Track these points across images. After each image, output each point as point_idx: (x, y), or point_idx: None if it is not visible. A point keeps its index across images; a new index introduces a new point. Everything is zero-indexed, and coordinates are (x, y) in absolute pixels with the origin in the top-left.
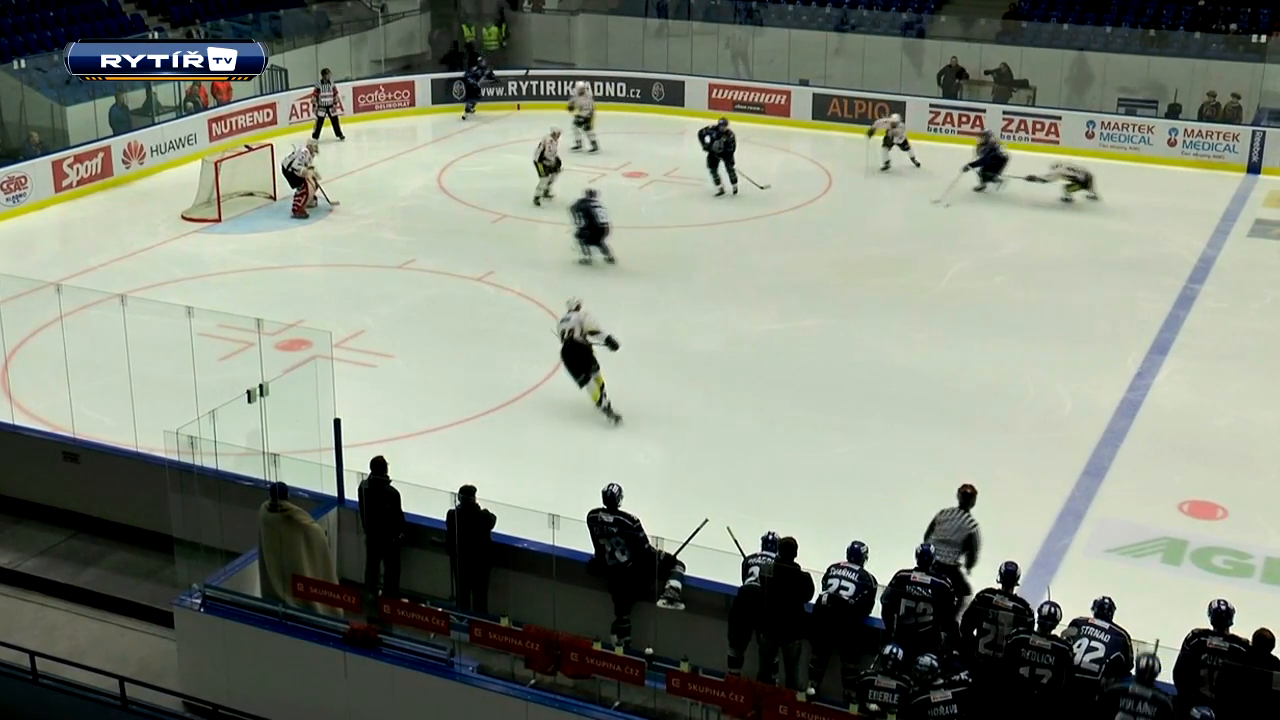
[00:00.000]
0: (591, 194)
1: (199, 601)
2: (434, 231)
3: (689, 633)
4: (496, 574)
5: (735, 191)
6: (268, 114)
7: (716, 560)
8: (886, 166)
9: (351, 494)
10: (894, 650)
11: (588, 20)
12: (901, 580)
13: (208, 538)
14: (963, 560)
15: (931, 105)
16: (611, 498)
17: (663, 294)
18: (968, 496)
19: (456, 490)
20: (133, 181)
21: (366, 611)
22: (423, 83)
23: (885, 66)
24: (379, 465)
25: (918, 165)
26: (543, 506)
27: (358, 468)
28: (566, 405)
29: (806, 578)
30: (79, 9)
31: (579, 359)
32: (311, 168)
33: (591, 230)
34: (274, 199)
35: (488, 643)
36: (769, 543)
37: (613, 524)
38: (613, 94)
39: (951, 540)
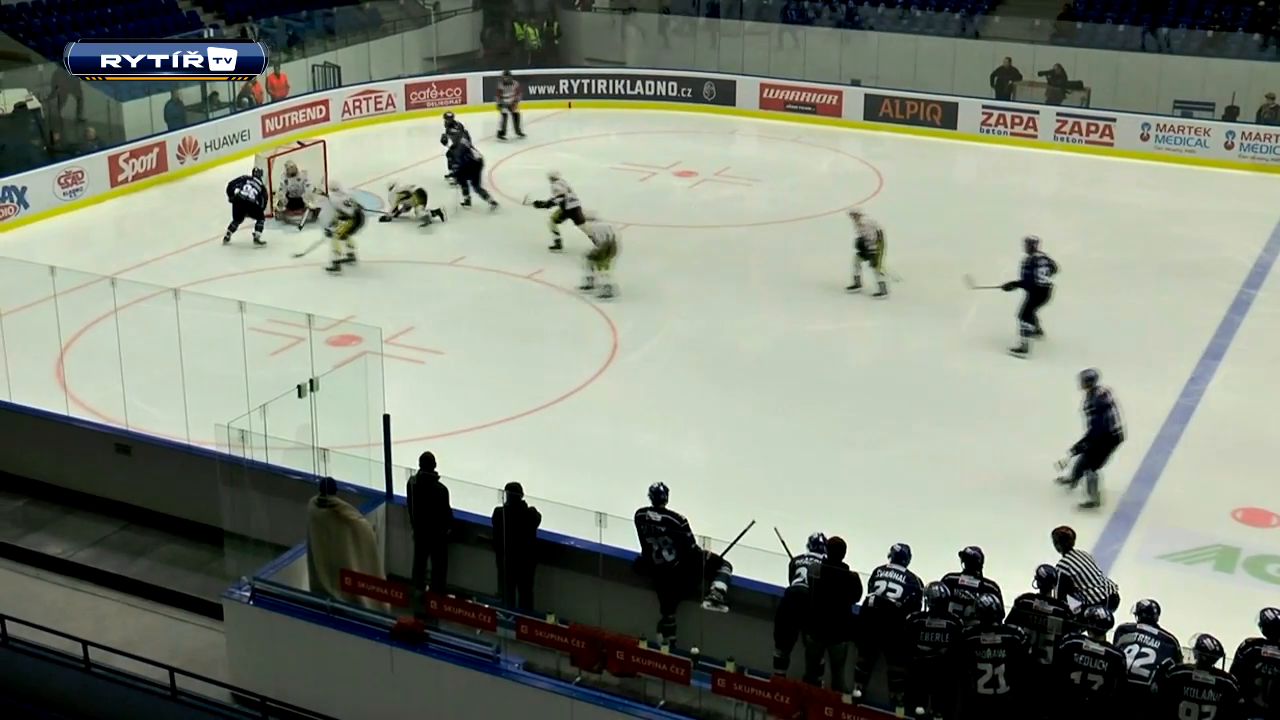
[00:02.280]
0: (454, 123)
1: (248, 594)
2: (484, 229)
3: (735, 632)
4: (542, 571)
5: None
6: (320, 110)
7: (763, 561)
8: (856, 284)
9: (400, 490)
10: (942, 590)
11: (639, 19)
12: (950, 584)
13: (257, 531)
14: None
15: (984, 106)
16: (658, 496)
17: (712, 294)
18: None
19: (503, 487)
20: (187, 177)
21: (413, 607)
22: (474, 80)
23: (937, 67)
24: (427, 461)
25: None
26: (589, 504)
27: (406, 464)
28: (614, 404)
29: (855, 579)
30: (135, 5)
31: None
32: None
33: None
34: (326, 195)
35: (534, 640)
36: (817, 543)
37: (660, 523)
38: (664, 93)
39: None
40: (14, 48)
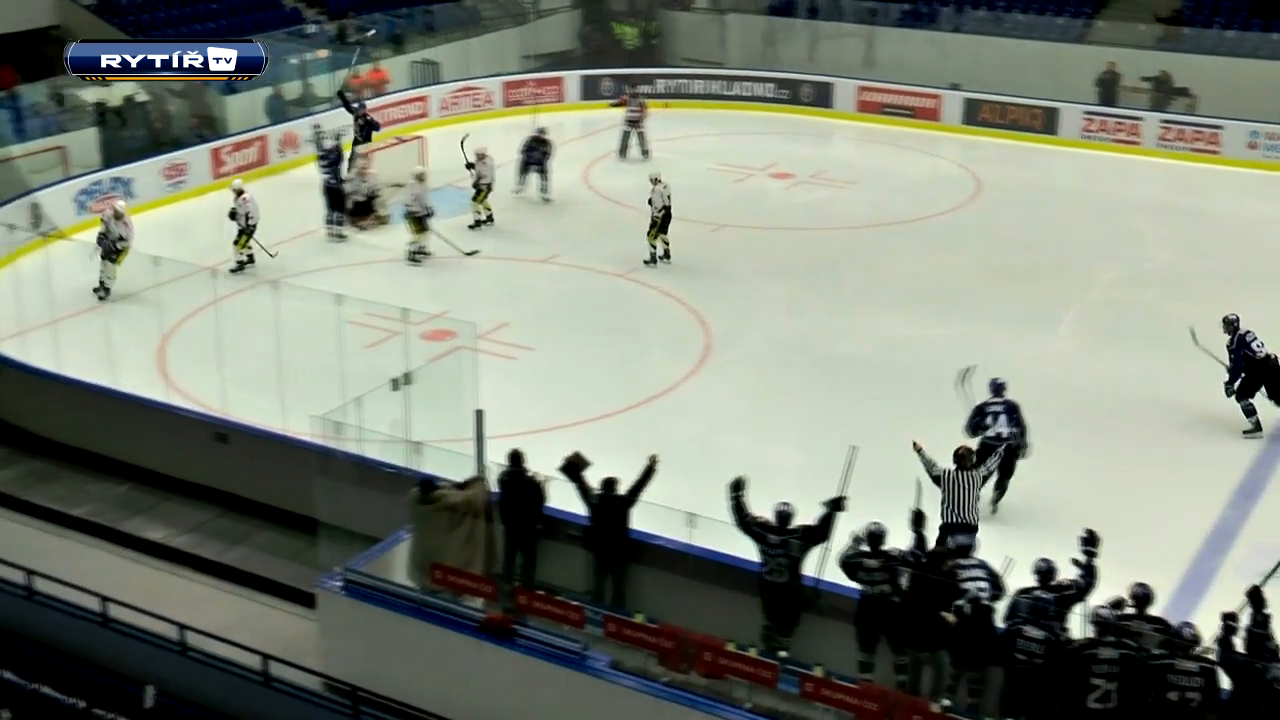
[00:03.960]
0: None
1: (340, 584)
2: (579, 227)
3: (824, 636)
4: (632, 570)
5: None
6: (419, 107)
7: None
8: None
9: (491, 485)
10: (1110, 615)
11: (738, 20)
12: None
13: (350, 522)
14: None
15: (1086, 112)
16: (783, 517)
17: (806, 296)
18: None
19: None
20: (287, 170)
21: (503, 602)
22: (572, 79)
23: (1039, 72)
24: (517, 457)
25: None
26: (680, 504)
27: (497, 459)
28: (706, 404)
29: (952, 587)
30: (240, 1)
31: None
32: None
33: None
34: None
35: (622, 638)
36: (874, 536)
37: (779, 544)
38: (761, 94)
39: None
40: (123, 41)
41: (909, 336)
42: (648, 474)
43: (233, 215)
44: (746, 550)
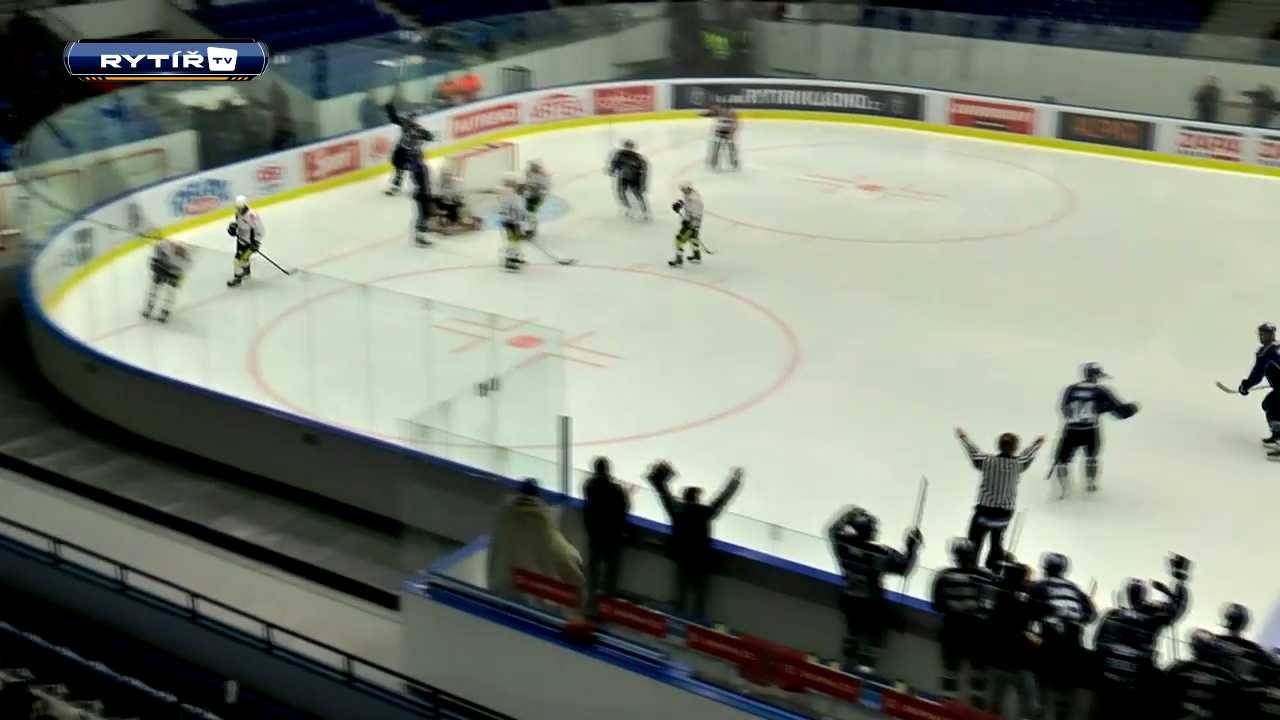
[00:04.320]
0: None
1: (425, 587)
2: (668, 236)
3: (908, 651)
4: (715, 580)
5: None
6: (510, 114)
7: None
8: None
9: (576, 492)
10: (1212, 640)
11: (829, 31)
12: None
13: (435, 525)
14: None
15: (1183, 127)
16: (865, 529)
17: (895, 309)
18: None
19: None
20: (378, 175)
21: (585, 609)
22: (663, 88)
23: (1136, 85)
24: (602, 465)
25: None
26: (764, 516)
27: (582, 466)
28: (792, 416)
29: (1041, 607)
30: (335, 8)
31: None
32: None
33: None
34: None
35: (703, 648)
36: (962, 553)
37: (860, 558)
38: (851, 105)
39: None
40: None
41: (999, 352)
42: (732, 487)
43: (232, 230)
44: (830, 563)
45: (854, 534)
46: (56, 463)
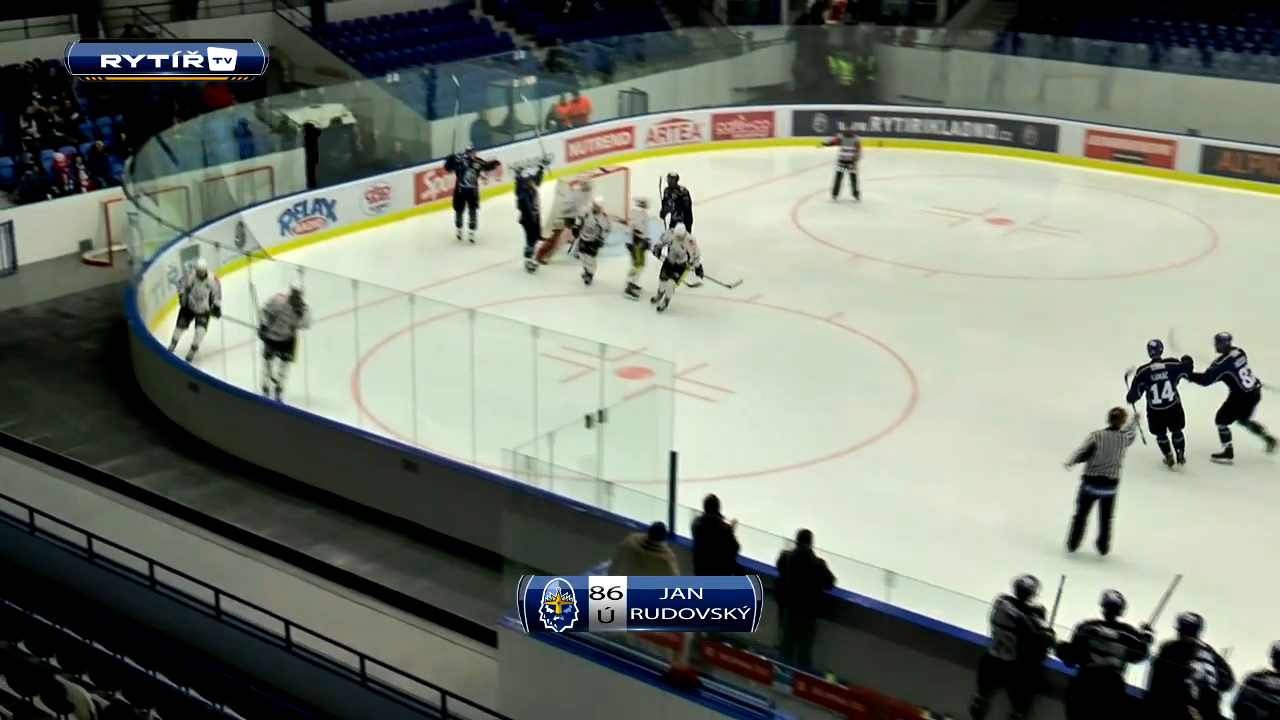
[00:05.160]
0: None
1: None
2: (784, 267)
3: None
4: (824, 627)
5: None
6: (625, 137)
7: None
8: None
9: (683, 530)
10: None
11: (961, 58)
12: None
13: (537, 560)
14: None
15: None
16: (1024, 591)
17: (1021, 349)
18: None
19: (794, 536)
20: (489, 198)
21: (689, 653)
22: (783, 113)
23: None
24: (712, 504)
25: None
26: (877, 561)
27: (690, 503)
28: (910, 457)
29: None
30: (451, 25)
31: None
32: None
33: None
34: (624, 223)
35: (811, 697)
36: (1111, 606)
37: (1014, 619)
38: (981, 135)
39: None
40: (335, 64)
41: None
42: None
43: (186, 298)
44: (947, 613)
45: (1012, 595)
46: (155, 483)
